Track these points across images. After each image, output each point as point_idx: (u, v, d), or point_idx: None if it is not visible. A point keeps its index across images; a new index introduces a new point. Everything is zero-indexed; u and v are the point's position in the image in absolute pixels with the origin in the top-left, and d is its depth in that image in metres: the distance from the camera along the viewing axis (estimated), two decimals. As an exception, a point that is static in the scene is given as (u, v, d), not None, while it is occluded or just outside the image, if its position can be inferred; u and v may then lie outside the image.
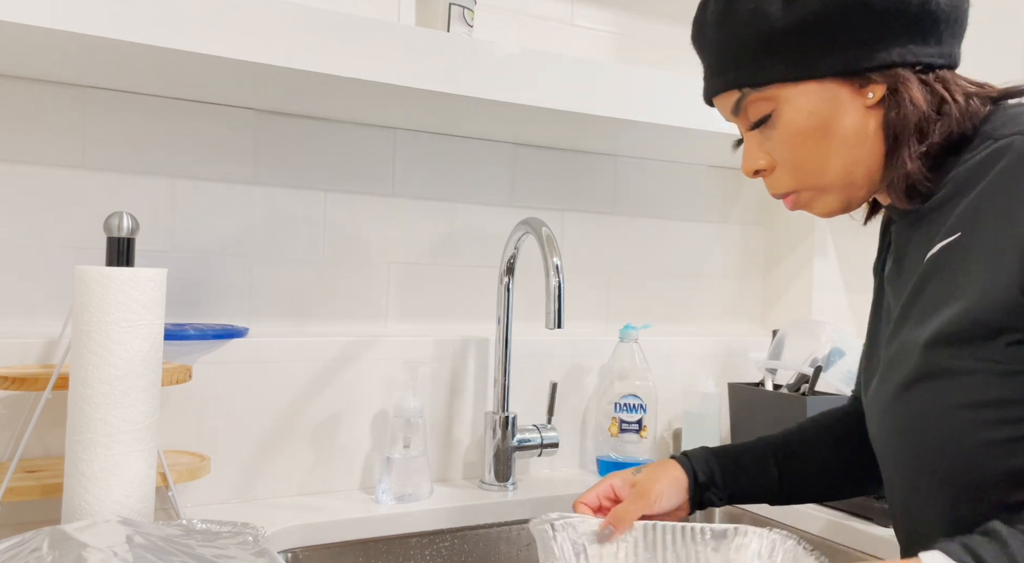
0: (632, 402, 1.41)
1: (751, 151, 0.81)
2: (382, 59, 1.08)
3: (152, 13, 0.95)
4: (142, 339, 0.91)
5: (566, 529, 0.89)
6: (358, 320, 1.36)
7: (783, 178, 0.80)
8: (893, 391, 0.74)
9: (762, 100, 0.77)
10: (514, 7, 1.48)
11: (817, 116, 0.75)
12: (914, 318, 0.74)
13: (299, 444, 1.25)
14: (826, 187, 0.79)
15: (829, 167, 0.77)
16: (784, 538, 0.90)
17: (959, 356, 0.69)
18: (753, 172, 0.82)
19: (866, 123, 0.75)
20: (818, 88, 0.75)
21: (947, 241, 0.72)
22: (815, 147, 0.77)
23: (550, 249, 1.17)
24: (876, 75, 0.74)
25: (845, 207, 0.81)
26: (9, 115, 1.13)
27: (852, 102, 0.75)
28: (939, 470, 0.71)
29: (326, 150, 1.33)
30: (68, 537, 0.76)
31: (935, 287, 0.73)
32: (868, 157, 0.76)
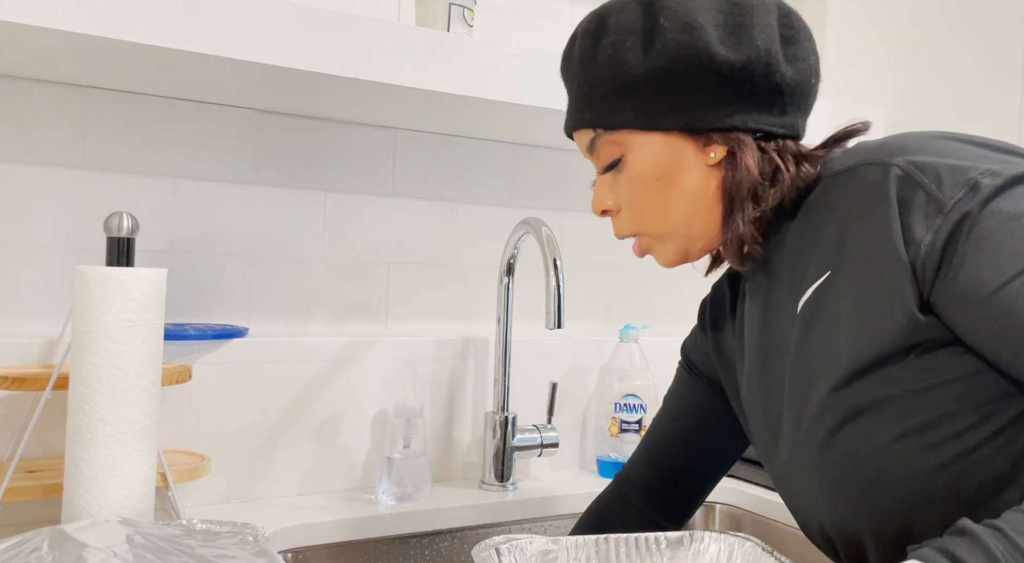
0: (632, 402, 1.41)
1: (601, 191, 0.83)
2: (382, 59, 1.08)
3: (152, 13, 0.95)
4: (142, 339, 0.91)
5: (513, 552, 0.86)
6: (358, 320, 1.36)
7: (626, 221, 0.83)
8: (818, 444, 0.73)
9: (612, 143, 0.80)
10: (514, 7, 1.48)
11: (660, 167, 0.78)
12: (808, 368, 0.74)
13: (299, 444, 1.25)
14: (664, 235, 0.81)
15: (668, 217, 0.79)
16: (742, 541, 0.89)
17: (875, 387, 0.68)
18: (601, 211, 0.84)
19: (707, 181, 0.78)
20: (664, 140, 0.77)
21: (818, 283, 0.73)
22: (656, 196, 0.79)
23: (550, 249, 1.17)
24: (718, 136, 0.76)
25: (683, 257, 0.83)
26: (9, 115, 1.13)
27: (695, 159, 0.77)
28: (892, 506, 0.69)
29: (326, 150, 1.33)
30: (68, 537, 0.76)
31: (821, 330, 0.73)
32: (706, 213, 0.79)
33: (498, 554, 0.83)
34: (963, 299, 0.64)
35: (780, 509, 1.29)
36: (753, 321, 0.85)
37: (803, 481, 0.76)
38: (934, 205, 0.66)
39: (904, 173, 0.68)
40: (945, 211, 0.65)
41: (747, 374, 0.86)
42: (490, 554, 0.83)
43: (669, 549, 0.89)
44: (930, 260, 0.65)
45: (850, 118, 0.82)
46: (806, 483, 0.76)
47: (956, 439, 0.66)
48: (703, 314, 0.99)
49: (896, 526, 0.70)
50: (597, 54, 0.78)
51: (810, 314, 0.74)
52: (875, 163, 0.70)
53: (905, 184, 0.67)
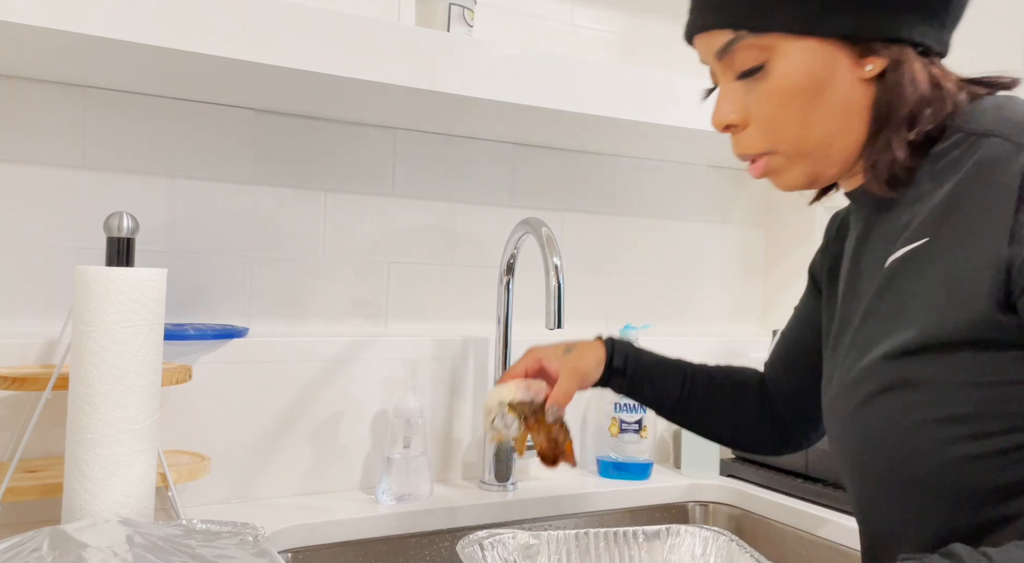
0: (632, 402, 1.41)
1: (727, 102, 0.75)
2: (382, 59, 1.08)
3: (152, 13, 0.95)
4: (142, 339, 0.91)
5: (496, 547, 0.88)
6: (358, 320, 1.36)
7: (754, 137, 0.75)
8: (857, 402, 0.71)
9: (756, 48, 0.71)
10: (514, 7, 1.48)
11: (812, 77, 0.70)
12: (875, 325, 0.71)
13: (299, 444, 1.25)
14: (799, 155, 0.74)
15: (809, 134, 0.72)
16: (716, 535, 0.91)
17: (926, 367, 0.66)
18: (724, 126, 0.76)
19: (858, 96, 0.71)
20: (819, 47, 0.70)
21: (912, 246, 0.69)
22: (800, 109, 0.71)
23: (550, 249, 1.17)
24: (880, 47, 0.69)
25: (811, 182, 0.76)
26: (9, 115, 1.13)
27: (849, 70, 0.70)
28: (907, 483, 0.68)
29: (326, 150, 1.33)
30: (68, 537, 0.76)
31: (897, 294, 0.70)
32: (850, 133, 0.72)
33: (482, 548, 0.85)
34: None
35: (780, 509, 1.29)
36: (848, 254, 0.81)
37: (836, 429, 0.76)
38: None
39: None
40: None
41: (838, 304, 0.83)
42: (474, 549, 0.84)
43: (647, 541, 0.91)
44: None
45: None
46: (837, 432, 0.76)
47: (992, 438, 0.64)
48: (830, 227, 0.92)
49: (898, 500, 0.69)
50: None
51: (895, 273, 0.70)
52: (1009, 139, 0.65)
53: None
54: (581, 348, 0.99)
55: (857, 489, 0.75)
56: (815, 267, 0.96)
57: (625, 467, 1.40)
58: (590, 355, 0.98)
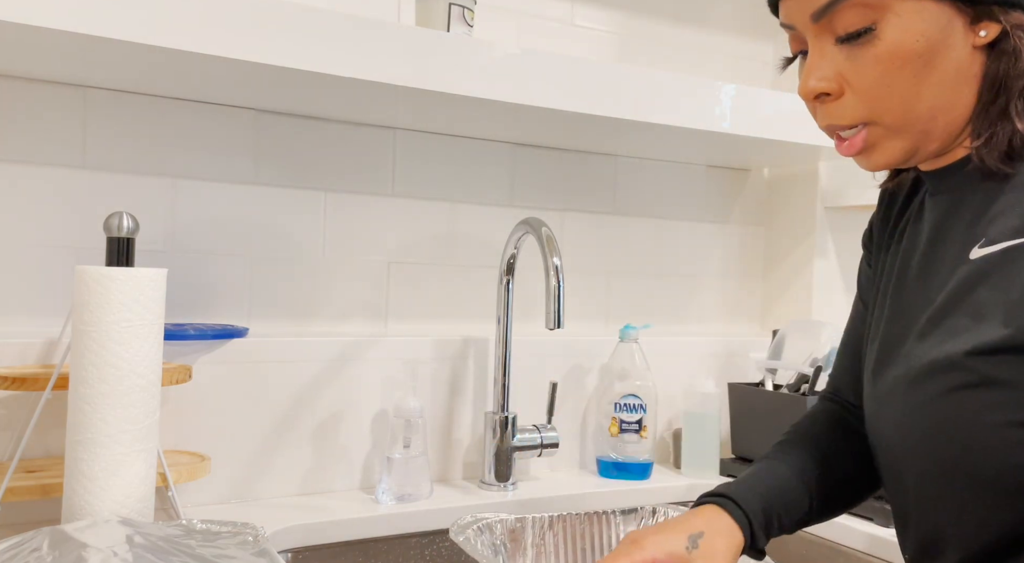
0: (632, 402, 1.41)
1: (820, 69, 0.68)
2: (382, 59, 1.08)
3: (152, 13, 0.95)
4: (142, 339, 0.91)
5: (484, 532, 0.92)
6: (358, 320, 1.36)
7: (855, 107, 0.68)
8: (932, 394, 0.67)
9: (865, 7, 0.65)
10: (514, 7, 1.48)
11: (927, 41, 0.65)
12: (959, 317, 0.67)
13: (299, 444, 1.25)
14: (902, 127, 0.68)
15: (918, 104, 0.67)
16: None
17: (1016, 368, 0.63)
18: (816, 94, 0.69)
19: (971, 64, 0.66)
20: (936, 9, 0.65)
21: (1013, 242, 0.64)
22: (912, 76, 0.66)
23: (550, 249, 1.17)
24: (998, 11, 0.65)
25: (909, 157, 0.70)
26: (9, 115, 1.13)
27: (963, 35, 0.66)
28: (973, 482, 0.66)
29: (326, 150, 1.33)
30: (68, 537, 0.76)
31: (992, 288, 0.65)
32: (958, 104, 0.67)
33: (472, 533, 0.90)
34: None
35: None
36: (919, 238, 0.76)
37: (897, 420, 0.71)
38: None
39: None
40: None
41: (886, 285, 0.78)
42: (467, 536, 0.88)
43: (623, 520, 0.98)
44: None
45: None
46: (899, 425, 0.71)
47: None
48: (882, 199, 0.86)
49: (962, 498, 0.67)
50: None
51: (990, 268, 0.66)
52: None
53: None
54: (711, 540, 0.76)
55: (911, 483, 0.72)
56: (868, 237, 0.89)
57: (625, 467, 1.40)
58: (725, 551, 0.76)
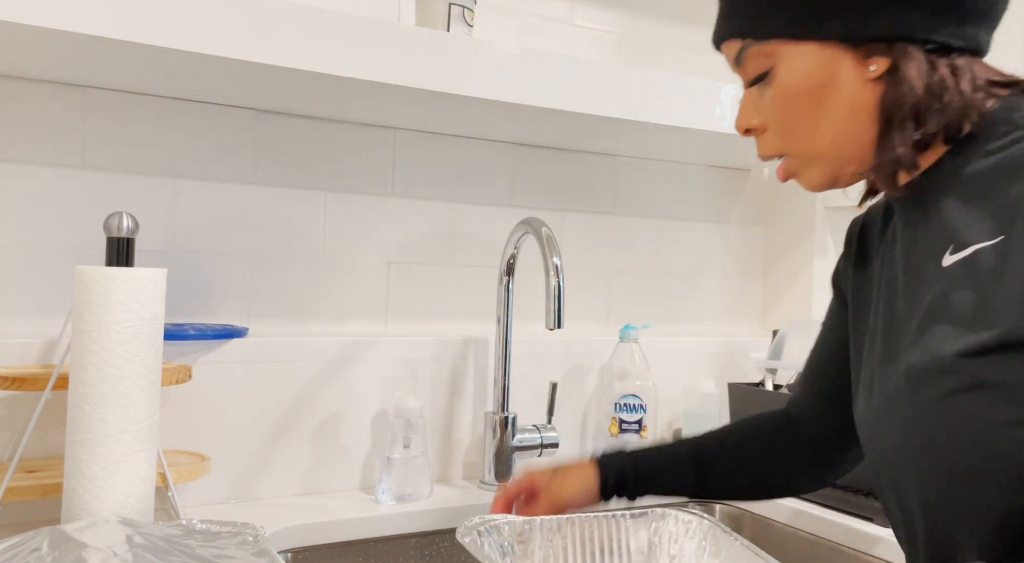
0: (632, 402, 1.41)
1: (746, 107, 0.78)
2: (382, 59, 1.08)
3: (153, 13, 0.95)
4: (142, 339, 0.91)
5: (491, 533, 0.91)
6: (358, 320, 1.36)
7: (772, 141, 0.77)
8: (930, 399, 0.68)
9: (761, 54, 0.74)
10: (514, 7, 1.48)
11: (814, 80, 0.71)
12: (943, 323, 0.68)
13: (299, 444, 1.25)
14: (814, 157, 0.75)
15: (819, 136, 0.73)
16: (700, 519, 0.94)
17: (1011, 367, 0.63)
18: (744, 130, 0.78)
19: (865, 97, 0.71)
20: (819, 50, 0.71)
21: (985, 244, 0.66)
22: (807, 112, 0.73)
23: (550, 249, 1.17)
24: (881, 46, 0.69)
25: (832, 182, 0.76)
26: (9, 115, 1.13)
27: (853, 72, 0.71)
28: (981, 484, 0.66)
29: (326, 150, 1.33)
30: (68, 537, 0.76)
31: (970, 292, 0.66)
32: (861, 133, 0.72)
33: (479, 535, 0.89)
34: None
35: (780, 509, 1.29)
36: (896, 257, 0.78)
37: (899, 430, 0.72)
38: None
39: None
40: None
41: (875, 306, 0.81)
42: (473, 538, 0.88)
43: (632, 523, 0.95)
44: None
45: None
46: (901, 434, 0.72)
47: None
48: (851, 237, 0.91)
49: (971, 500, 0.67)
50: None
51: (962, 273, 0.67)
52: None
53: None
54: (565, 473, 0.97)
55: (916, 494, 0.72)
56: (839, 276, 0.93)
57: (625, 467, 1.40)
58: (574, 480, 0.97)
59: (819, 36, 0.71)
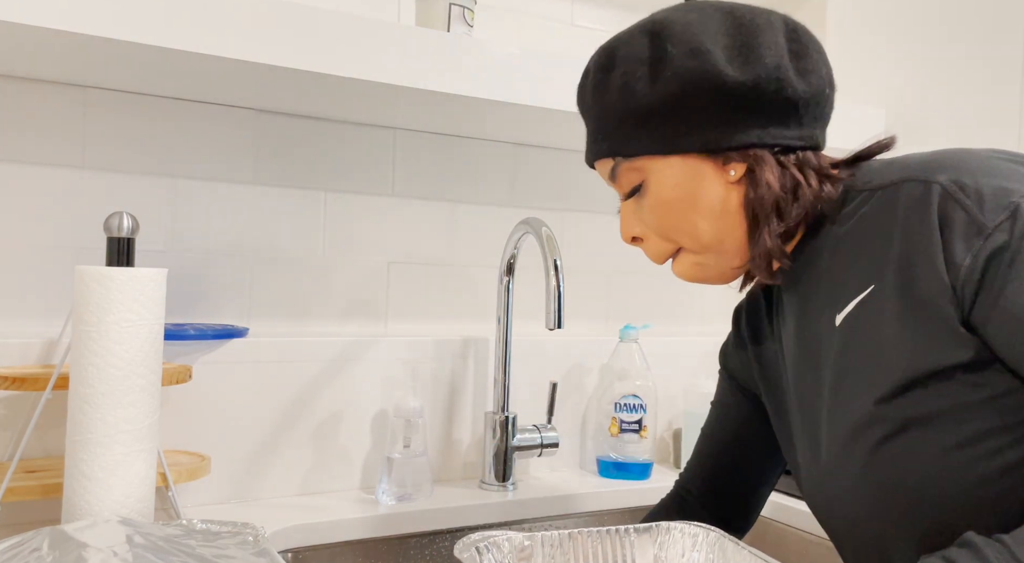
0: (632, 402, 1.41)
1: (627, 219, 0.84)
2: (382, 59, 1.08)
3: (152, 13, 0.95)
4: (142, 339, 0.91)
5: (491, 550, 0.90)
6: (358, 320, 1.36)
7: (660, 245, 0.83)
8: (867, 450, 0.72)
9: (632, 170, 0.80)
10: (514, 7, 1.48)
11: (682, 188, 0.78)
12: (852, 379, 0.74)
13: (299, 444, 1.25)
14: (701, 251, 0.81)
15: (699, 235, 0.79)
16: (707, 531, 0.92)
17: (925, 401, 0.68)
18: (631, 238, 0.85)
19: (729, 198, 0.78)
20: (682, 162, 0.78)
21: (860, 297, 0.73)
22: (681, 217, 0.79)
23: (550, 249, 1.17)
24: (735, 154, 0.76)
25: (725, 276, 0.83)
26: (9, 115, 1.13)
27: (716, 177, 0.78)
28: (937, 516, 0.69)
29: (326, 150, 1.33)
30: (68, 537, 0.76)
31: (865, 343, 0.72)
32: (735, 229, 0.79)
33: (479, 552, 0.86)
34: (1001, 323, 0.64)
35: (780, 510, 1.29)
36: (789, 334, 0.85)
37: (845, 492, 0.76)
38: (974, 227, 0.65)
39: (946, 192, 0.67)
40: (985, 234, 0.65)
41: (789, 384, 0.87)
42: (471, 554, 0.86)
43: (637, 538, 0.93)
44: (969, 283, 0.65)
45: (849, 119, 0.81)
46: (849, 494, 0.76)
47: (1004, 452, 0.66)
48: (738, 321, 0.98)
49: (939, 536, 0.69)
50: (609, 86, 0.79)
51: (852, 327, 0.74)
52: (919, 180, 0.70)
53: (946, 204, 0.67)
54: None
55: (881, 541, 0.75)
56: (731, 361, 0.99)
57: (625, 467, 1.40)
58: None
59: (680, 150, 0.77)
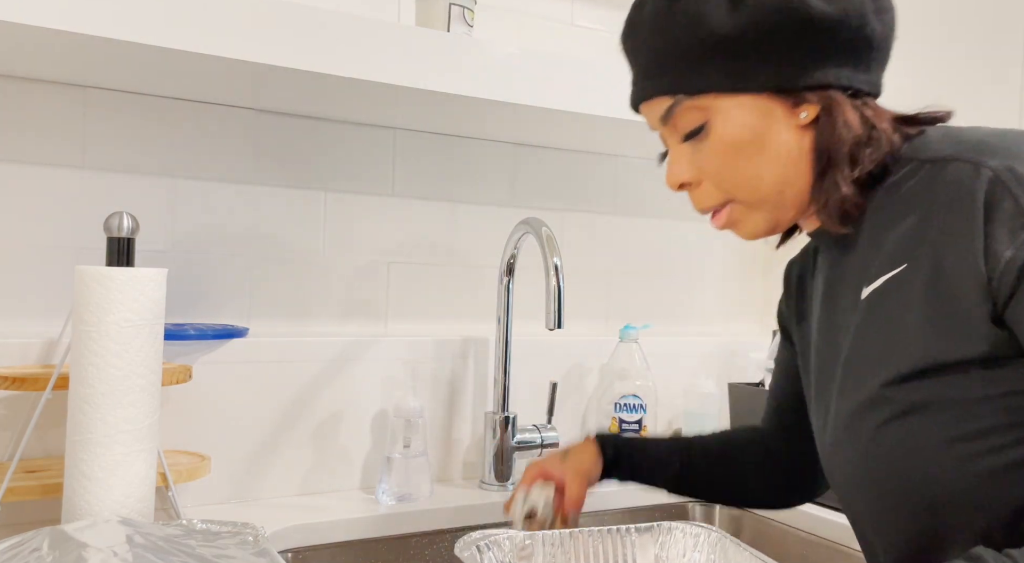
0: (632, 402, 1.41)
1: (677, 163, 0.79)
2: (382, 59, 1.08)
3: (152, 13, 0.95)
4: (142, 339, 0.91)
5: (492, 548, 0.89)
6: (358, 320, 1.36)
7: (710, 192, 0.78)
8: (869, 432, 0.71)
9: (695, 109, 0.75)
10: (514, 7, 1.48)
11: (751, 130, 0.74)
12: (866, 357, 0.72)
13: (299, 444, 1.25)
14: (756, 203, 0.77)
15: (761, 183, 0.75)
16: (708, 531, 0.92)
17: (935, 389, 0.66)
18: (678, 185, 0.80)
19: (798, 142, 0.74)
20: (752, 102, 0.73)
21: (889, 275, 0.70)
22: (747, 162, 0.74)
23: (550, 249, 1.17)
24: (811, 95, 0.73)
25: (772, 228, 0.79)
26: (9, 115, 1.13)
27: (786, 119, 0.74)
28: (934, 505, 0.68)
29: (326, 150, 1.33)
30: (68, 537, 0.76)
31: (883, 323, 0.70)
32: (799, 178, 0.75)
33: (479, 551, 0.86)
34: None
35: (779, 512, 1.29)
36: (818, 294, 0.82)
37: (846, 465, 0.75)
38: (1021, 218, 0.62)
39: (996, 178, 0.64)
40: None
41: (814, 345, 0.84)
42: (472, 552, 0.85)
43: (638, 538, 0.92)
44: (1008, 276, 0.62)
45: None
46: (848, 468, 0.74)
47: (1007, 451, 0.64)
48: (788, 276, 0.95)
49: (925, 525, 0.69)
50: (674, 15, 0.73)
51: (876, 303, 0.71)
52: (969, 161, 0.66)
53: (995, 190, 0.64)
54: (576, 451, 1.01)
55: (874, 519, 0.74)
56: (783, 317, 0.97)
57: (625, 467, 1.40)
58: (586, 455, 1.00)
59: (753, 88, 0.73)
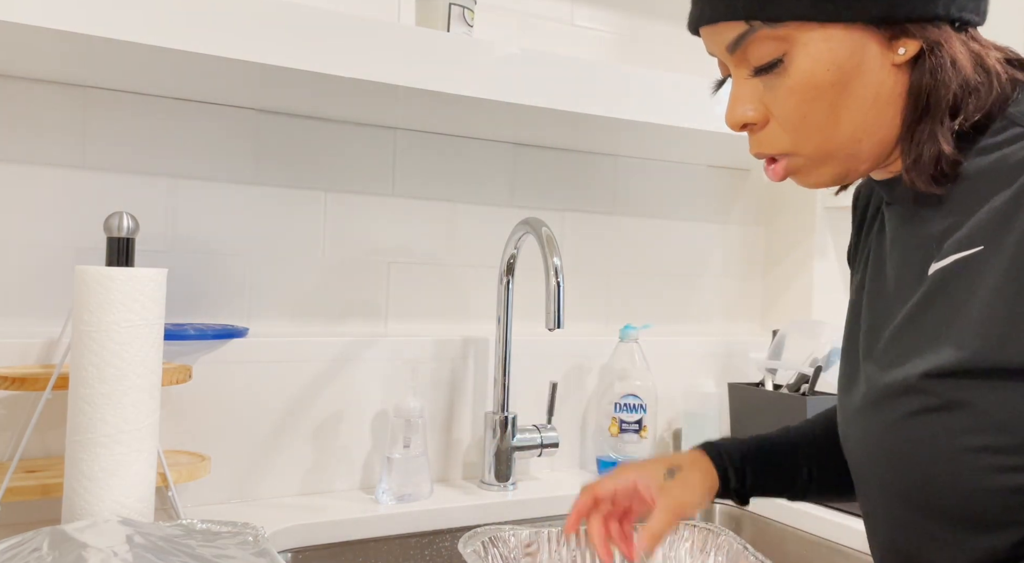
0: (632, 402, 1.41)
1: (742, 99, 0.67)
2: (382, 59, 1.08)
3: (153, 13, 0.95)
4: (142, 339, 0.91)
5: (497, 544, 0.88)
6: (358, 320, 1.36)
7: (778, 136, 0.66)
8: (894, 418, 0.65)
9: (774, 39, 0.63)
10: (514, 7, 1.48)
11: (839, 69, 0.62)
12: (914, 337, 0.65)
13: (299, 444, 1.25)
14: (828, 154, 0.66)
15: (838, 131, 0.64)
16: (717, 534, 0.91)
17: (977, 391, 0.59)
18: (740, 125, 0.68)
19: (890, 84, 0.63)
20: (845, 35, 0.61)
21: (962, 255, 0.61)
22: (828, 105, 0.63)
23: (550, 249, 1.17)
24: (915, 27, 0.61)
25: (840, 179, 0.68)
26: (9, 115, 1.13)
27: (880, 57, 0.62)
28: (942, 508, 0.63)
29: (326, 150, 1.33)
30: (68, 537, 0.76)
31: (942, 307, 0.63)
32: (883, 126, 0.64)
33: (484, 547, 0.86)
34: None
35: (780, 509, 1.29)
36: (886, 254, 0.72)
37: (863, 439, 0.69)
38: None
39: None
40: None
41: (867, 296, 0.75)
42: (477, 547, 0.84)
43: None
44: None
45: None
46: (863, 446, 0.69)
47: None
48: (856, 204, 0.83)
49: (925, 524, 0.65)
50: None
51: (942, 283, 0.63)
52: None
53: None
54: (687, 474, 0.82)
55: (879, 503, 0.70)
56: (850, 254, 0.86)
57: (625, 467, 1.40)
58: (699, 484, 0.82)
59: (848, 17, 0.61)
